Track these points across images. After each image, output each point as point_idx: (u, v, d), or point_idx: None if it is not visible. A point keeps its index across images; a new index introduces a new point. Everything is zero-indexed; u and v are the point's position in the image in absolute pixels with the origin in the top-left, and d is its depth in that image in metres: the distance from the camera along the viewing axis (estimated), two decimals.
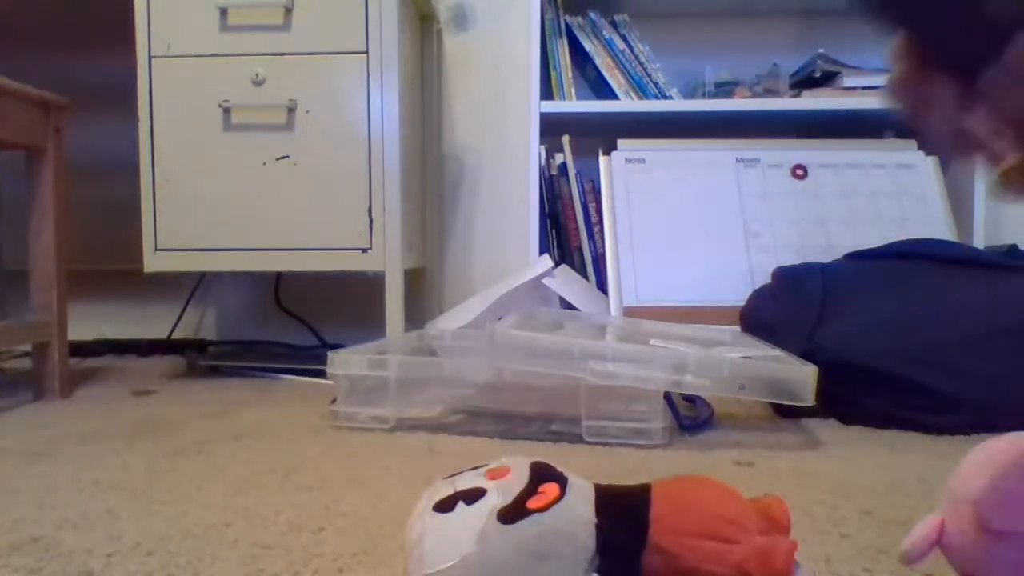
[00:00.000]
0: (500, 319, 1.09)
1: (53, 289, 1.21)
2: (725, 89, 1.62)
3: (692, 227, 1.53)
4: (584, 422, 0.91)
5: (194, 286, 1.78)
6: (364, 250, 1.31)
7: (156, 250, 1.33)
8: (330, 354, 1.00)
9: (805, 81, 1.59)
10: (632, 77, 1.60)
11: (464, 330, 1.30)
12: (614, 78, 1.60)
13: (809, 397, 0.87)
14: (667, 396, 0.93)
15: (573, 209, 1.63)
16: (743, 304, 1.26)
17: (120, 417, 1.06)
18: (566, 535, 0.42)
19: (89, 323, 1.79)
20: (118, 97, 1.45)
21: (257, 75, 1.30)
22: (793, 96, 1.58)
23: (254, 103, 1.31)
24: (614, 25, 1.62)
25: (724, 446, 0.89)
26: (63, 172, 1.22)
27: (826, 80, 1.57)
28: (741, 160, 1.58)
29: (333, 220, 1.31)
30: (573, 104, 1.59)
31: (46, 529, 0.61)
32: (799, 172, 1.57)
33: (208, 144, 1.32)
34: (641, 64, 1.60)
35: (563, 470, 0.47)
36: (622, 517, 0.44)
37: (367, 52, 1.30)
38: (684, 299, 1.46)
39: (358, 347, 1.06)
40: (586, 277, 1.61)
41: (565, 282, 1.46)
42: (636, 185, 1.57)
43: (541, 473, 0.45)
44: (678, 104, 1.57)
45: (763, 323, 1.17)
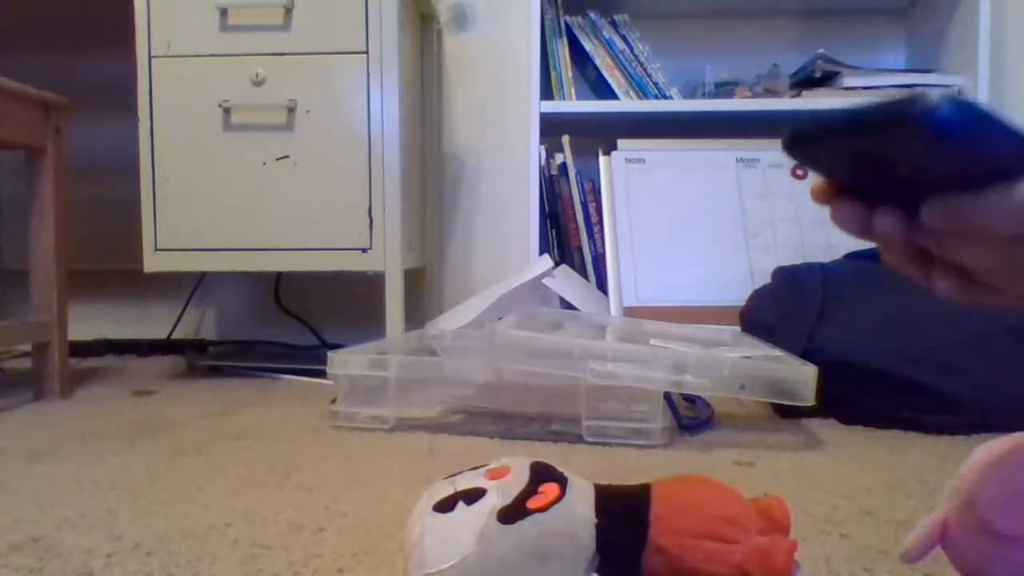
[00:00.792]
0: (500, 319, 1.09)
1: (53, 289, 1.21)
2: (725, 89, 1.62)
3: (692, 227, 1.53)
4: (584, 422, 0.91)
5: (194, 286, 1.78)
6: (364, 250, 1.31)
7: (156, 250, 1.33)
8: (330, 354, 1.00)
9: (805, 81, 1.59)
10: (632, 77, 1.60)
11: (464, 330, 1.30)
12: (614, 78, 1.60)
13: (809, 397, 0.87)
14: (667, 396, 0.93)
15: (573, 209, 1.63)
16: (743, 304, 1.26)
17: (120, 417, 1.06)
18: (566, 535, 0.42)
19: (89, 323, 1.79)
20: (118, 97, 1.45)
21: (257, 75, 1.30)
22: (793, 96, 1.58)
23: (254, 103, 1.31)
24: (614, 25, 1.62)
25: (724, 446, 0.89)
26: (63, 172, 1.22)
27: (826, 80, 1.57)
28: (741, 160, 1.58)
29: (333, 220, 1.31)
30: (573, 104, 1.59)
31: (46, 529, 0.61)
32: (799, 172, 1.57)
33: (208, 144, 1.32)
34: (641, 64, 1.60)
35: (563, 470, 0.47)
36: (622, 517, 0.44)
37: (367, 52, 1.30)
38: (684, 299, 1.46)
39: (358, 347, 1.06)
40: (586, 277, 1.61)
41: (565, 282, 1.46)
42: (636, 185, 1.56)
43: (541, 473, 0.45)
44: (678, 104, 1.57)
45: (763, 323, 1.17)
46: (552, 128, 1.59)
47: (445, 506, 0.43)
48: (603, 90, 1.62)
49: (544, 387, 0.99)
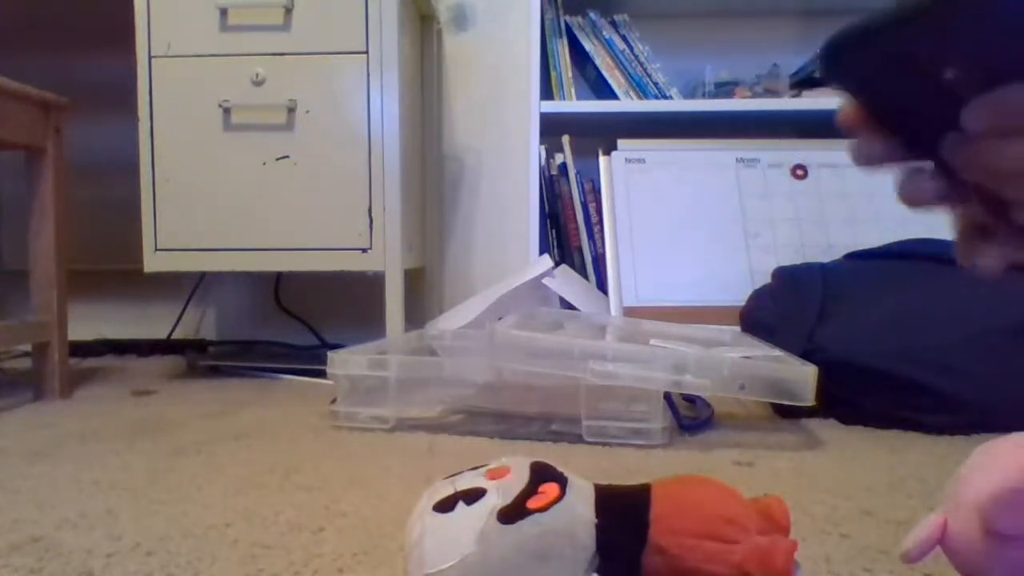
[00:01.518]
0: (500, 319, 1.09)
1: (53, 289, 1.21)
2: (725, 89, 1.62)
3: (692, 227, 1.53)
4: (584, 422, 0.91)
5: (194, 286, 1.78)
6: (364, 250, 1.31)
7: (156, 250, 1.33)
8: (330, 354, 1.00)
9: (805, 81, 1.59)
10: (632, 77, 1.60)
11: (464, 330, 1.30)
12: (614, 78, 1.60)
13: (809, 397, 0.87)
14: (667, 396, 0.93)
15: (573, 209, 1.63)
16: (743, 304, 1.26)
17: (120, 417, 1.06)
18: (566, 535, 0.42)
19: (89, 323, 1.79)
20: (118, 97, 1.45)
21: (257, 75, 1.30)
22: (793, 96, 1.58)
23: (254, 103, 1.31)
24: (614, 25, 1.62)
25: (724, 446, 0.89)
26: (63, 172, 1.22)
27: (825, 81, 1.57)
28: (741, 160, 1.58)
29: (333, 220, 1.31)
30: (573, 104, 1.59)
31: (46, 529, 0.61)
32: (799, 172, 1.57)
33: (208, 144, 1.31)
34: (641, 64, 1.60)
35: (563, 470, 0.47)
36: (622, 517, 0.44)
37: (367, 52, 1.30)
38: (684, 299, 1.46)
39: (358, 347, 1.06)
40: (586, 277, 1.61)
41: (565, 282, 1.46)
42: (636, 185, 1.56)
43: (541, 473, 0.45)
44: (678, 104, 1.57)
45: (763, 323, 1.17)
46: (552, 128, 1.59)
47: (445, 506, 0.43)
48: (603, 90, 1.62)
49: (544, 387, 0.99)
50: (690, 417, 0.99)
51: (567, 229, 1.65)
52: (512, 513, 0.42)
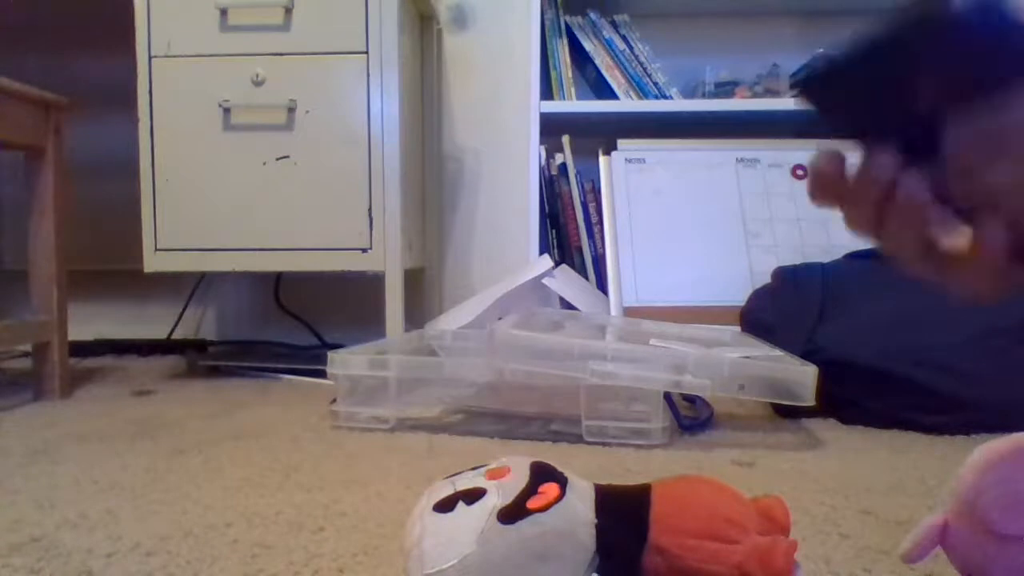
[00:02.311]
0: (500, 319, 1.09)
1: (53, 289, 1.21)
2: (725, 89, 1.62)
3: (692, 227, 1.53)
4: (584, 422, 0.91)
5: (194, 286, 1.78)
6: (364, 250, 1.31)
7: (156, 250, 1.33)
8: (330, 354, 1.00)
9: None
10: (632, 77, 1.60)
11: (464, 330, 1.30)
12: (614, 78, 1.60)
13: (809, 397, 0.87)
14: (667, 396, 0.93)
15: (573, 209, 1.63)
16: (743, 304, 1.26)
17: (120, 417, 1.06)
18: (566, 535, 0.42)
19: (89, 323, 1.79)
20: (118, 97, 1.45)
21: (257, 75, 1.30)
22: (793, 96, 1.58)
23: (254, 103, 1.31)
24: (614, 25, 1.62)
25: (724, 446, 0.89)
26: (63, 172, 1.22)
27: None
28: (741, 160, 1.58)
29: (333, 220, 1.31)
30: (573, 104, 1.59)
31: (46, 529, 0.61)
32: (799, 172, 1.57)
33: (208, 144, 1.31)
34: (641, 64, 1.60)
35: (563, 470, 0.47)
36: (622, 517, 0.44)
37: (367, 52, 1.30)
38: (684, 299, 1.46)
39: (358, 347, 1.06)
40: (586, 277, 1.61)
41: (565, 282, 1.46)
42: (636, 185, 1.56)
43: (541, 473, 0.45)
44: (678, 104, 1.57)
45: (763, 323, 1.17)
46: (552, 128, 1.59)
47: (445, 506, 0.43)
48: (603, 90, 1.62)
49: (544, 387, 0.99)
50: (690, 417, 0.99)
51: (567, 229, 1.65)
52: (512, 513, 0.42)
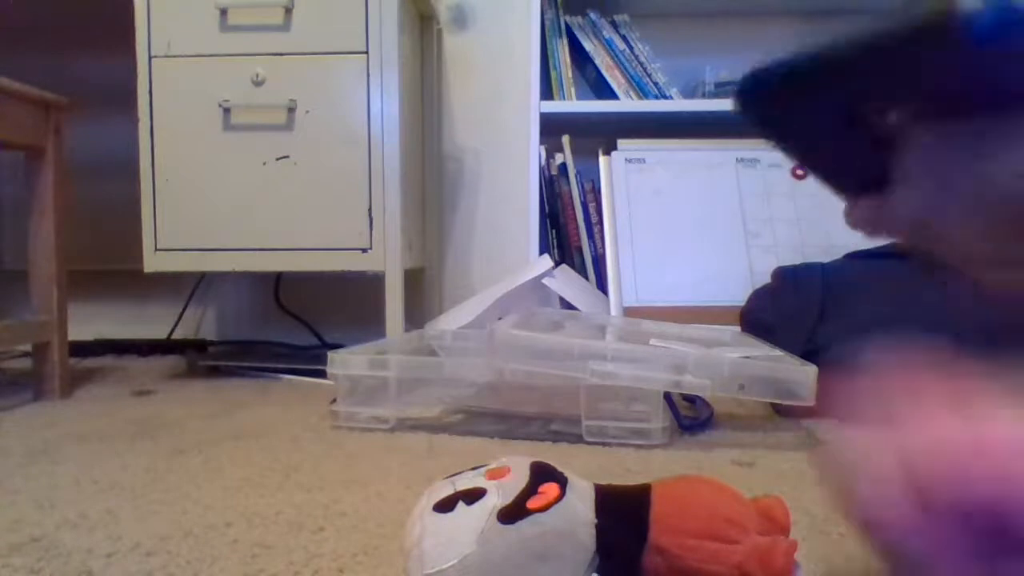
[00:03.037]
0: (500, 319, 1.09)
1: (53, 289, 1.20)
2: (725, 89, 1.62)
3: (692, 227, 1.53)
4: (584, 422, 0.91)
5: (194, 286, 1.78)
6: (364, 250, 1.31)
7: (156, 250, 1.33)
8: (330, 354, 1.00)
9: None
10: (632, 77, 1.60)
11: (464, 330, 1.30)
12: (614, 78, 1.60)
13: (809, 397, 0.87)
14: (667, 396, 0.93)
15: (573, 209, 1.63)
16: (743, 304, 1.26)
17: (120, 417, 1.06)
18: (566, 535, 0.42)
19: (89, 323, 1.79)
20: (118, 97, 1.44)
21: (257, 75, 1.30)
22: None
23: (254, 103, 1.31)
24: (614, 25, 1.62)
25: (724, 446, 0.89)
26: (63, 172, 1.22)
27: None
28: (741, 160, 1.58)
29: (333, 220, 1.31)
30: (573, 104, 1.59)
31: (46, 529, 0.61)
32: (799, 172, 1.57)
33: (208, 144, 1.31)
34: (641, 64, 1.60)
35: (563, 470, 0.47)
36: (622, 517, 0.44)
37: (367, 52, 1.30)
38: (684, 299, 1.46)
39: (358, 347, 1.06)
40: (586, 277, 1.61)
41: (565, 282, 1.46)
42: (636, 185, 1.56)
43: (541, 473, 0.45)
44: (678, 104, 1.57)
45: (763, 323, 1.17)
46: (552, 128, 1.59)
47: (445, 506, 0.43)
48: (603, 90, 1.62)
49: (544, 387, 0.99)
50: (690, 417, 0.99)
51: (567, 229, 1.65)
52: (512, 513, 0.42)
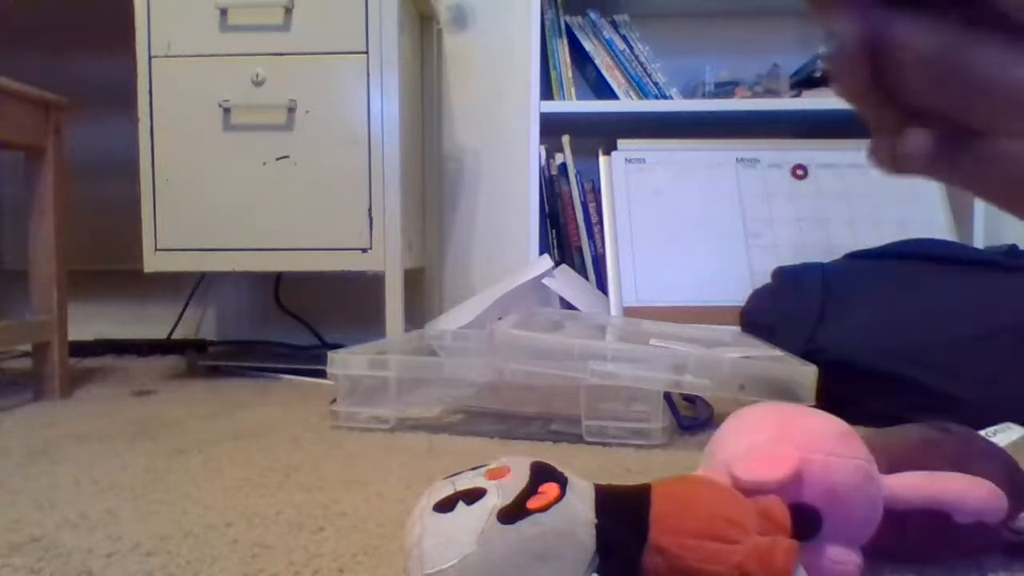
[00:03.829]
0: (500, 319, 1.09)
1: (53, 289, 1.20)
2: (725, 89, 1.62)
3: (692, 227, 1.53)
4: (584, 422, 0.91)
5: (194, 286, 1.78)
6: (364, 250, 1.31)
7: (156, 250, 1.33)
8: (330, 354, 1.00)
9: (805, 81, 1.59)
10: (632, 77, 1.60)
11: (464, 330, 1.30)
12: (614, 78, 1.60)
13: (809, 397, 0.87)
14: (667, 396, 0.93)
15: (573, 209, 1.63)
16: (743, 304, 1.26)
17: (120, 417, 1.06)
18: (566, 535, 0.42)
19: (89, 323, 1.79)
20: (118, 97, 1.45)
21: (257, 75, 1.30)
22: (793, 96, 1.58)
23: (254, 103, 1.31)
24: (614, 25, 1.62)
25: None
26: (63, 172, 1.22)
27: (826, 80, 1.57)
28: (741, 160, 1.58)
29: (333, 220, 1.31)
30: (573, 104, 1.59)
31: (46, 529, 0.61)
32: (799, 172, 1.57)
33: (208, 144, 1.31)
34: (641, 64, 1.60)
35: (563, 470, 0.47)
36: (622, 517, 0.44)
37: (367, 52, 1.30)
38: (684, 299, 1.46)
39: (358, 347, 1.06)
40: (586, 277, 1.61)
41: (565, 282, 1.46)
42: (636, 185, 1.56)
43: (541, 473, 0.45)
44: (678, 104, 1.57)
45: (763, 323, 1.17)
46: (552, 128, 1.59)
47: (445, 506, 0.43)
48: (603, 90, 1.62)
49: (544, 387, 0.99)
50: (690, 417, 0.99)
51: (567, 229, 1.65)
52: (512, 513, 0.42)
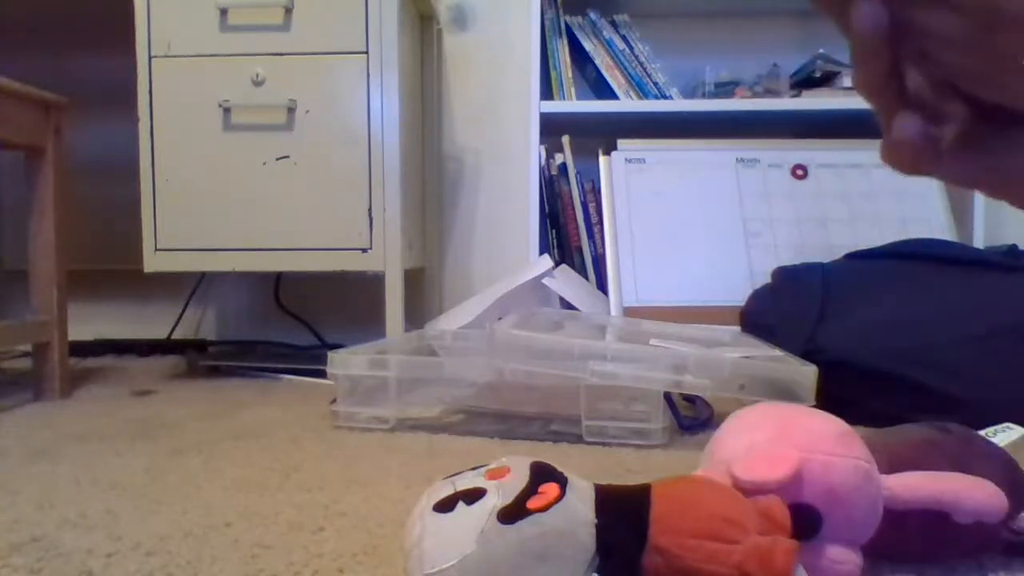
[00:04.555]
0: (500, 319, 1.09)
1: (53, 289, 1.20)
2: (725, 89, 1.62)
3: (692, 227, 1.53)
4: (584, 422, 0.91)
5: (194, 286, 1.78)
6: (364, 250, 1.31)
7: (156, 250, 1.33)
8: (330, 354, 1.00)
9: (805, 81, 1.59)
10: (632, 77, 1.60)
11: (464, 330, 1.30)
12: (614, 78, 1.60)
13: (809, 397, 0.87)
14: (667, 396, 0.93)
15: (573, 209, 1.63)
16: (743, 304, 1.26)
17: (120, 417, 1.06)
18: (566, 535, 0.42)
19: (89, 323, 1.79)
20: (118, 97, 1.45)
21: (257, 75, 1.30)
22: (793, 96, 1.58)
23: (254, 103, 1.31)
24: (614, 25, 1.62)
25: None
26: (63, 172, 1.22)
27: (826, 80, 1.57)
28: (741, 160, 1.58)
29: (333, 220, 1.31)
30: (573, 104, 1.59)
31: (46, 529, 0.61)
32: (799, 172, 1.57)
33: (208, 144, 1.31)
34: (641, 64, 1.60)
35: (563, 470, 0.47)
36: (622, 517, 0.44)
37: (367, 52, 1.30)
38: (684, 299, 1.46)
39: (358, 347, 1.06)
40: (586, 277, 1.61)
41: (565, 282, 1.46)
42: (636, 185, 1.56)
43: (541, 473, 0.45)
44: (678, 104, 1.57)
45: (763, 323, 1.17)
46: (552, 128, 1.59)
47: (445, 506, 0.43)
48: (603, 90, 1.62)
49: (544, 387, 0.99)
50: (690, 417, 0.99)
51: (567, 229, 1.65)
52: (512, 513, 0.42)
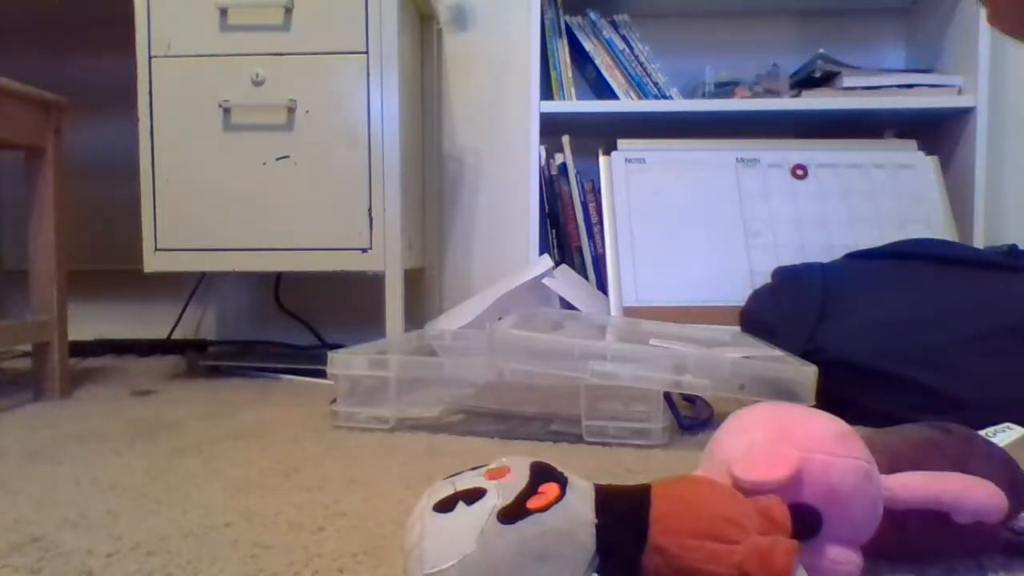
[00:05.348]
0: (500, 319, 1.09)
1: (53, 289, 1.21)
2: (725, 89, 1.62)
3: (692, 227, 1.53)
4: (584, 422, 0.91)
5: (194, 286, 1.78)
6: (364, 250, 1.31)
7: (156, 250, 1.33)
8: (330, 354, 1.00)
9: (805, 81, 1.59)
10: (632, 77, 1.60)
11: (464, 330, 1.30)
12: (614, 78, 1.60)
13: (809, 397, 0.87)
14: (667, 396, 0.93)
15: (573, 209, 1.63)
16: (743, 304, 1.26)
17: (120, 417, 1.06)
18: (566, 535, 0.42)
19: (89, 323, 1.79)
20: (118, 97, 1.45)
21: (257, 75, 1.30)
22: (793, 96, 1.58)
23: (254, 103, 1.31)
24: (614, 25, 1.62)
25: None
26: (63, 172, 1.22)
27: (826, 80, 1.57)
28: (741, 160, 1.58)
29: (333, 220, 1.31)
30: (573, 104, 1.59)
31: (46, 529, 0.61)
32: (799, 172, 1.57)
33: (208, 144, 1.32)
34: (641, 64, 1.60)
35: (563, 470, 0.47)
36: (622, 517, 0.44)
37: (367, 52, 1.30)
38: (684, 299, 1.46)
39: (358, 347, 1.06)
40: (586, 277, 1.61)
41: (565, 282, 1.46)
42: (636, 185, 1.56)
43: (541, 473, 0.45)
44: (678, 104, 1.57)
45: (763, 323, 1.17)
46: (552, 128, 1.59)
47: (445, 506, 0.43)
48: (603, 90, 1.62)
49: (544, 387, 0.99)
50: (690, 417, 0.99)
51: (567, 229, 1.65)
52: (512, 513, 0.42)
